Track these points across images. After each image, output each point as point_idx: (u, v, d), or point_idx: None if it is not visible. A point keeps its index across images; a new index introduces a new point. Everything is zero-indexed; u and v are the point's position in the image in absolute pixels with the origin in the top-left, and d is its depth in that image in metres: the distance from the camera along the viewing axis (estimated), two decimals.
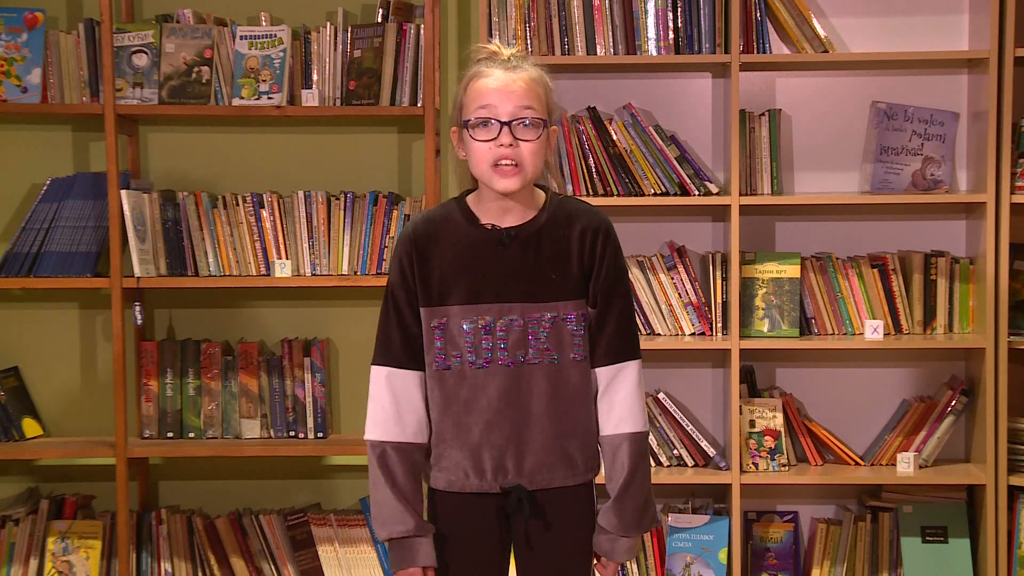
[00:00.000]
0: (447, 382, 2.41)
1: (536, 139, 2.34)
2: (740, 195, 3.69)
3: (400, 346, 2.42)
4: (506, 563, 2.49)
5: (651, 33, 3.75)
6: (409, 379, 2.42)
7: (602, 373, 2.43)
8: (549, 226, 2.40)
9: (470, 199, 2.45)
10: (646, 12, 3.75)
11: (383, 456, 2.40)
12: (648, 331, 3.81)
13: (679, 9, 3.73)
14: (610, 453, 2.43)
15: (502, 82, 2.34)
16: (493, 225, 2.40)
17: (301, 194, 3.78)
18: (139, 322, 3.74)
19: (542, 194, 2.45)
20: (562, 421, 2.41)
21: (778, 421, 3.78)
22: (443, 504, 2.45)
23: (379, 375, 2.43)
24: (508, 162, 2.33)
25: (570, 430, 2.42)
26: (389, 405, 2.41)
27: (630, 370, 2.42)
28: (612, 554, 2.44)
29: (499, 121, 2.33)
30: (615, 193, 3.75)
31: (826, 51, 3.76)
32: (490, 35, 3.73)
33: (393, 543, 2.42)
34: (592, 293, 2.41)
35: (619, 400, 2.41)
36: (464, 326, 2.39)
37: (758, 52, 3.73)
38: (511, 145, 2.33)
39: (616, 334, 2.41)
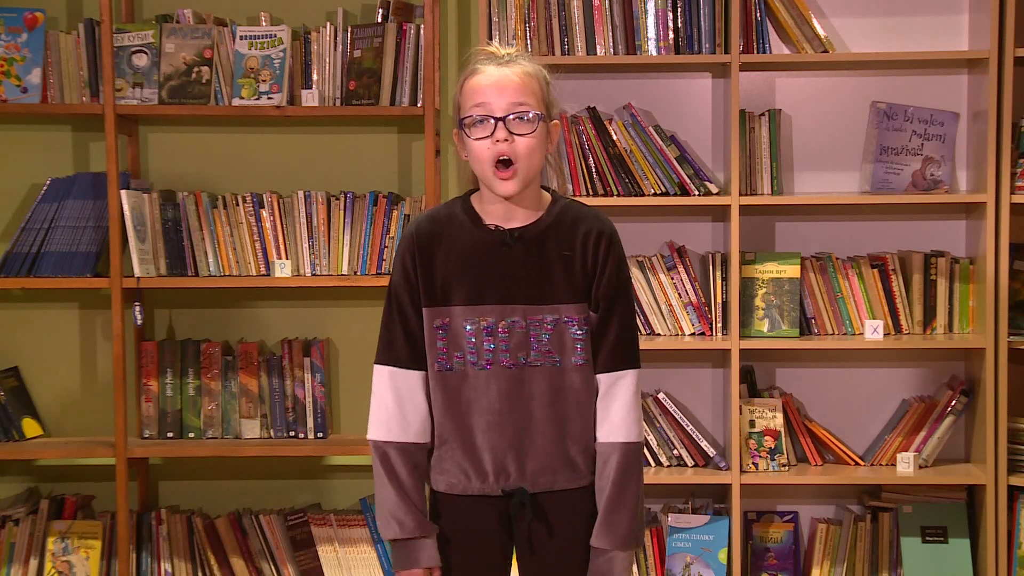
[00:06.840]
0: (449, 383, 2.40)
1: (531, 133, 2.32)
2: (740, 195, 3.69)
3: (403, 346, 2.41)
4: (508, 567, 2.48)
5: (651, 33, 3.75)
6: (412, 379, 2.41)
7: (602, 379, 2.42)
8: (553, 228, 2.39)
9: (474, 199, 2.43)
10: (646, 12, 3.75)
11: (385, 456, 2.40)
12: (648, 331, 3.81)
13: (679, 9, 3.73)
14: (602, 461, 2.41)
15: (495, 78, 2.33)
16: (497, 226, 2.39)
17: (301, 194, 3.78)
18: (139, 322, 3.74)
19: (548, 196, 2.44)
20: (564, 425, 2.40)
21: (778, 421, 3.78)
22: (444, 507, 2.44)
23: (382, 375, 2.42)
24: (507, 158, 2.32)
25: (572, 434, 2.41)
26: (392, 405, 2.41)
27: (628, 379, 2.40)
28: (610, 575, 2.40)
29: (494, 117, 2.32)
30: (615, 193, 3.75)
31: (826, 51, 3.76)
32: (490, 35, 3.73)
33: (396, 543, 2.42)
34: (594, 298, 2.40)
35: (614, 409, 2.40)
36: (467, 327, 2.38)
37: (758, 52, 3.73)
38: (506, 140, 2.32)
39: (617, 342, 2.40)
